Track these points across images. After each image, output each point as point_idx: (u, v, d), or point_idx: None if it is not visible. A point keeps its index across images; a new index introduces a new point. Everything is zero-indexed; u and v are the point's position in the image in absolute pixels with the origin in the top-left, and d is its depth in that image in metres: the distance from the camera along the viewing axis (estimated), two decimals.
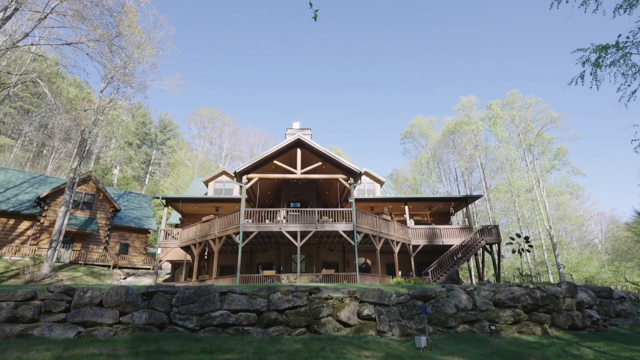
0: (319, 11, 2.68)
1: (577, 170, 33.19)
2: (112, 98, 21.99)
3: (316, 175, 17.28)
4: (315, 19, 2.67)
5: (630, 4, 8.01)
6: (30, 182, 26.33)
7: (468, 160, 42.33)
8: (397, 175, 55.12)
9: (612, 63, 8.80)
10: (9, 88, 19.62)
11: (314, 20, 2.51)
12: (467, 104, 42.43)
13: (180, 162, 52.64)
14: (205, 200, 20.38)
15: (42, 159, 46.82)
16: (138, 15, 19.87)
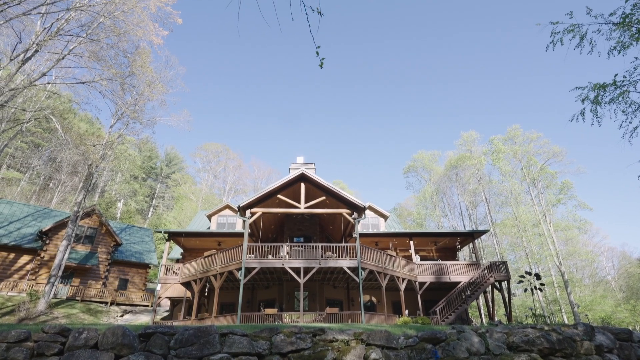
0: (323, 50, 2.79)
1: (584, 205, 32.84)
2: (120, 133, 22.55)
3: (320, 209, 17.18)
4: (322, 66, 2.77)
5: (623, 46, 8.31)
6: (34, 215, 26.37)
7: (472, 194, 42.17)
8: (401, 209, 54.78)
9: (611, 100, 8.98)
10: (23, 124, 20.24)
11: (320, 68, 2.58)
12: (469, 139, 43.02)
13: (184, 195, 52.86)
14: (208, 235, 20.18)
15: (48, 192, 47.23)
16: (150, 56, 20.86)
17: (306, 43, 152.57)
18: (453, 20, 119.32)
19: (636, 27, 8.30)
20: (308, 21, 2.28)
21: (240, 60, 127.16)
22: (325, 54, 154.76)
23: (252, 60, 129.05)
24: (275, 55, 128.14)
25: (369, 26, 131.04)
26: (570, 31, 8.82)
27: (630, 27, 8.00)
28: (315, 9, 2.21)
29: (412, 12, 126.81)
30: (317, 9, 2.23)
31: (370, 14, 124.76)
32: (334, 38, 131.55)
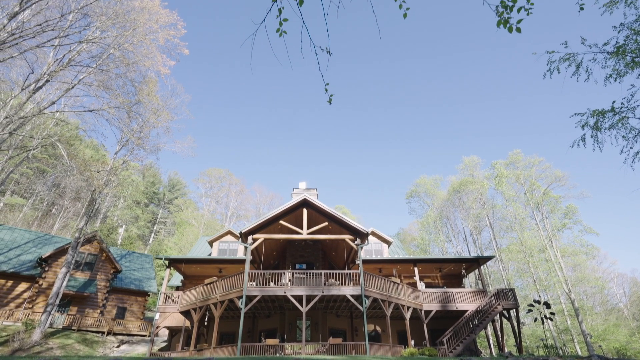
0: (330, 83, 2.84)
1: (590, 229, 32.39)
2: (125, 160, 22.80)
3: (322, 235, 17.01)
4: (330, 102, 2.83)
5: (619, 74, 8.49)
6: (35, 241, 26.22)
7: (476, 219, 41.78)
8: (405, 234, 54.17)
9: (611, 126, 9.06)
10: (30, 151, 20.56)
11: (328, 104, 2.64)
12: (470, 163, 43.18)
13: (185, 221, 52.66)
14: (209, 262, 19.90)
15: (50, 218, 47.20)
16: (157, 85, 21.46)
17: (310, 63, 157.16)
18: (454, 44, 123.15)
19: (630, 55, 8.52)
20: (317, 59, 2.35)
21: (244, 85, 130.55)
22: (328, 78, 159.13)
23: (255, 84, 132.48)
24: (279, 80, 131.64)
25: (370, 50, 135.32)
26: (566, 60, 9.06)
27: (624, 56, 8.21)
28: (325, 49, 2.29)
29: (413, 38, 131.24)
30: (326, 48, 2.31)
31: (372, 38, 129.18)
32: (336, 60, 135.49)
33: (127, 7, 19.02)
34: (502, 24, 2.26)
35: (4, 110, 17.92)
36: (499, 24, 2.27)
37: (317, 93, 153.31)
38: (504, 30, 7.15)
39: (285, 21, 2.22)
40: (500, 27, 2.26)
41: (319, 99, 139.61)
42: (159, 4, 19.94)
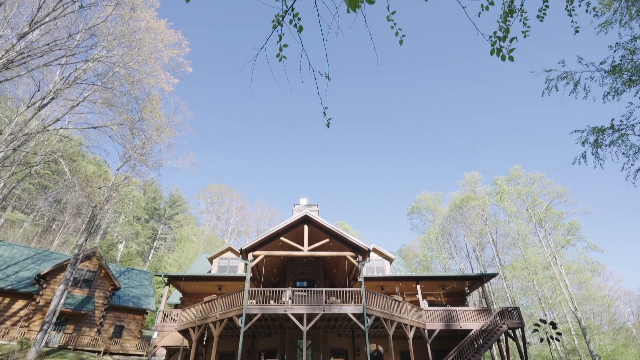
0: None
1: (594, 246, 32.04)
2: (127, 175, 22.88)
3: (323, 252, 16.85)
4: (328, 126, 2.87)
5: (617, 92, 8.59)
6: (34, 258, 26.02)
7: (478, 235, 41.44)
8: (407, 250, 53.65)
9: (611, 143, 9.10)
10: (32, 167, 20.69)
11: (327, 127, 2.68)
12: (472, 179, 43.18)
13: (186, 237, 52.37)
14: (208, 279, 19.66)
15: (50, 234, 47.01)
16: (160, 102, 21.76)
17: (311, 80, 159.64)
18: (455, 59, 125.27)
19: (627, 74, 8.64)
20: (316, 84, 2.40)
21: (246, 101, 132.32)
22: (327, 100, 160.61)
23: (257, 99, 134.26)
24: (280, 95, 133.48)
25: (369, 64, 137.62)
26: (563, 78, 9.19)
27: (621, 75, 8.33)
28: (324, 74, 2.34)
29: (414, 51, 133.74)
30: (325, 73, 2.35)
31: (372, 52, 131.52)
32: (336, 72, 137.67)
33: (133, 27, 19.51)
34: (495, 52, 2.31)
35: (9, 127, 18.14)
36: (492, 53, 2.32)
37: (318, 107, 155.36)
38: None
39: (285, 47, 2.27)
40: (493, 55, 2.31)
41: (319, 114, 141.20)
42: (165, 24, 20.45)
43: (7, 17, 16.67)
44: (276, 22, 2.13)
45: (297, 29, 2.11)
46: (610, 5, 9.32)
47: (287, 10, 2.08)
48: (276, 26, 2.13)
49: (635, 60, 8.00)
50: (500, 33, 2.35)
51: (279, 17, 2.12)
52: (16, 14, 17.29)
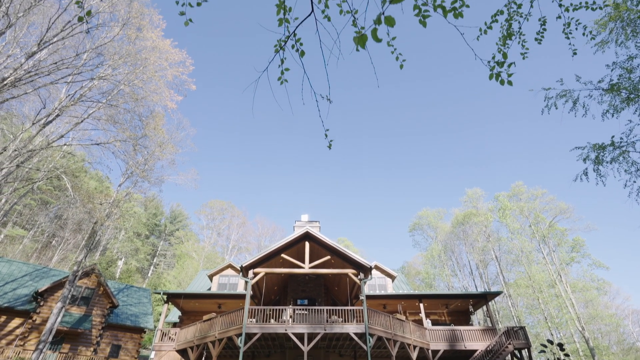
0: None
1: (599, 263, 31.58)
2: (128, 191, 22.92)
3: (325, 270, 16.64)
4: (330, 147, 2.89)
5: (616, 109, 8.66)
6: (32, 275, 25.76)
7: (481, 252, 40.97)
8: (409, 267, 52.99)
9: (612, 160, 9.10)
10: (35, 183, 20.77)
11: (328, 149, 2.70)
12: (473, 195, 43.06)
13: (186, 253, 51.97)
14: (208, 297, 19.37)
15: (49, 250, 46.72)
16: (164, 119, 22.02)
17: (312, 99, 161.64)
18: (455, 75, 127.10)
19: (625, 92, 8.73)
20: (318, 107, 2.42)
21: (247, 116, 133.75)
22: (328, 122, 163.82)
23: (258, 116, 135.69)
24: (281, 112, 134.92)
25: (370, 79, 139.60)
26: (562, 96, 9.28)
27: (619, 93, 8.41)
28: (325, 96, 2.37)
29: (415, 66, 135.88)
30: (327, 96, 2.39)
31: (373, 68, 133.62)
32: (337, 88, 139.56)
33: (139, 47, 19.95)
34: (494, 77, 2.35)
35: (14, 143, 18.33)
36: (491, 77, 2.36)
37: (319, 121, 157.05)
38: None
39: (287, 70, 2.31)
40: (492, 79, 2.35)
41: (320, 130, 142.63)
42: (170, 43, 20.93)
43: (16, 37, 17.12)
44: (278, 47, 2.17)
45: (299, 54, 2.16)
46: (605, 26, 9.52)
47: (289, 36, 2.13)
48: (278, 50, 2.18)
49: (633, 79, 8.10)
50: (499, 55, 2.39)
51: (281, 42, 2.16)
52: (26, 34, 17.74)
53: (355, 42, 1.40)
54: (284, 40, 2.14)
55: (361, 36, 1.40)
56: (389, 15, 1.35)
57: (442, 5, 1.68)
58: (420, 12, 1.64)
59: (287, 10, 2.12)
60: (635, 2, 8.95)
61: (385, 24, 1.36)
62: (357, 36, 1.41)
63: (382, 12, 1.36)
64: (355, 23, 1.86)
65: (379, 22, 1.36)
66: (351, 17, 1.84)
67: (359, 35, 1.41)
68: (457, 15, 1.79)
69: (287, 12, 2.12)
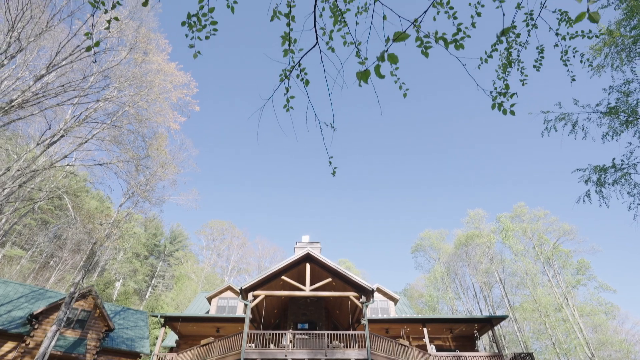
0: None
1: (606, 286, 30.94)
2: (129, 212, 22.86)
3: (326, 292, 16.32)
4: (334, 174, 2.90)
5: (615, 132, 8.73)
6: (28, 296, 25.30)
7: (485, 274, 40.27)
8: (411, 290, 51.96)
9: (614, 182, 9.08)
10: (36, 203, 20.77)
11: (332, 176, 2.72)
12: (475, 216, 42.79)
13: (185, 274, 51.23)
14: (206, 320, 18.92)
15: (47, 271, 46.13)
16: (167, 140, 22.26)
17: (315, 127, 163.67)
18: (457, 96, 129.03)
19: (624, 115, 8.83)
20: (322, 134, 2.46)
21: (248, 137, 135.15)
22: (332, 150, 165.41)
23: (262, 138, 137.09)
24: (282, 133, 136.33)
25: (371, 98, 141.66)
26: (561, 119, 9.38)
27: (618, 116, 8.50)
28: (329, 124, 2.40)
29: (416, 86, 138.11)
30: (331, 124, 2.42)
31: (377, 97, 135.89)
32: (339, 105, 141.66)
33: (145, 70, 20.44)
34: (496, 107, 2.38)
35: (17, 164, 18.47)
36: (494, 107, 2.40)
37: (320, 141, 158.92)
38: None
39: (292, 98, 2.35)
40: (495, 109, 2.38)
41: (322, 151, 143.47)
42: (175, 66, 21.45)
43: (26, 61, 17.59)
44: (283, 76, 2.22)
45: (303, 83, 2.20)
46: (600, 51, 9.74)
47: (294, 66, 2.19)
48: (283, 79, 2.23)
49: (630, 102, 8.21)
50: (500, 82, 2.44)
51: (286, 71, 2.22)
52: (35, 57, 18.25)
53: (358, 77, 1.43)
54: (289, 69, 2.19)
55: (364, 72, 1.43)
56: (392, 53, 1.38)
57: (443, 38, 1.72)
58: (422, 43, 1.68)
59: (292, 42, 2.19)
60: (629, 29, 9.20)
61: (389, 61, 1.38)
62: (360, 72, 1.43)
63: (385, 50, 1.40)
64: (358, 54, 1.92)
65: (382, 59, 1.39)
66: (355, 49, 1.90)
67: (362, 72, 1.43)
68: (458, 46, 1.83)
69: (292, 44, 2.19)
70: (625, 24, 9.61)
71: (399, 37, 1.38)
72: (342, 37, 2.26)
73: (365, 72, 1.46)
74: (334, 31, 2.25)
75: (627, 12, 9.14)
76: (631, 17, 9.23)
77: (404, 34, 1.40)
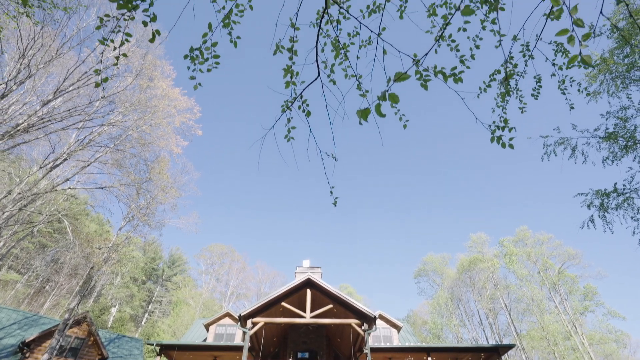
0: None
1: (615, 313, 30.05)
2: (128, 235, 22.66)
3: (327, 320, 15.87)
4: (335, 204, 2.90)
5: (615, 156, 8.76)
6: (21, 323, 24.64)
7: (490, 300, 39.28)
8: (415, 317, 50.56)
9: (617, 207, 9.01)
10: (35, 226, 20.65)
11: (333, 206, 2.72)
12: (478, 240, 42.28)
13: (182, 300, 50.11)
14: (203, 348, 18.31)
15: (42, 296, 45.18)
16: (169, 164, 22.42)
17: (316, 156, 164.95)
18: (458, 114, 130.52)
19: (623, 140, 8.89)
20: (323, 164, 2.47)
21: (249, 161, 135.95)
22: None
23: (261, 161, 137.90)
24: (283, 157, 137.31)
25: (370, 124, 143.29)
26: (560, 144, 9.45)
27: (617, 141, 8.57)
28: (330, 154, 2.43)
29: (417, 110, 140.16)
30: (332, 154, 2.45)
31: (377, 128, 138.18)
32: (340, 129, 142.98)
33: (149, 95, 20.89)
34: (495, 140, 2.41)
35: (19, 187, 18.52)
36: (492, 140, 2.42)
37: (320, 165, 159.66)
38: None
39: (294, 129, 2.39)
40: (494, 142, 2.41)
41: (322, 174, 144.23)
42: (179, 92, 21.93)
43: (34, 87, 18.02)
44: (285, 107, 2.26)
45: (305, 114, 2.24)
46: (596, 78, 9.95)
47: (296, 97, 2.23)
48: (285, 110, 2.27)
49: (629, 128, 8.30)
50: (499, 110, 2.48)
51: (288, 102, 2.26)
52: (44, 83, 18.70)
53: (359, 115, 1.45)
54: (290, 101, 2.24)
55: (364, 110, 1.45)
56: (393, 93, 1.40)
57: (442, 72, 1.76)
58: (422, 77, 1.71)
59: (294, 74, 2.25)
60: (622, 57, 9.44)
61: (390, 100, 1.41)
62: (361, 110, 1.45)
63: (387, 89, 1.42)
64: (359, 87, 1.96)
65: (383, 98, 1.41)
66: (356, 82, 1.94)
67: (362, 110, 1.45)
68: (457, 80, 1.87)
69: (294, 76, 2.25)
70: (618, 52, 9.87)
71: (400, 78, 1.41)
72: (344, 70, 2.32)
73: (365, 110, 1.47)
74: (335, 65, 2.32)
75: (619, 41, 9.41)
76: (623, 45, 9.49)
77: (404, 75, 1.43)
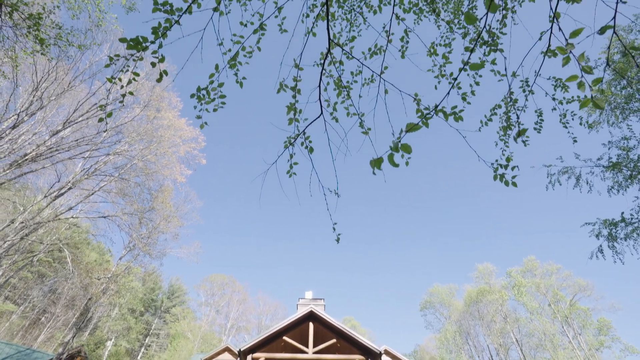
0: None
1: (632, 349, 28.62)
2: (128, 265, 22.35)
3: (330, 355, 15.17)
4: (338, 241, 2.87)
5: (620, 186, 8.69)
6: (13, 357, 23.77)
7: (500, 334, 37.65)
8: (422, 352, 48.42)
9: (626, 236, 8.83)
10: (36, 255, 20.46)
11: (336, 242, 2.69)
12: (484, 271, 41.24)
13: (181, 333, 48.48)
14: None
15: (36, 328, 43.87)
16: (172, 193, 22.50)
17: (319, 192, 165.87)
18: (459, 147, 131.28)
19: (627, 169, 8.86)
20: (326, 200, 2.46)
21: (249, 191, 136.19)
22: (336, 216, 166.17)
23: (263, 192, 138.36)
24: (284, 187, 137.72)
25: None
26: (564, 173, 9.42)
27: (621, 170, 8.54)
28: (333, 190, 2.43)
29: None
30: (335, 190, 2.45)
31: None
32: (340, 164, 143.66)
33: (156, 125, 21.34)
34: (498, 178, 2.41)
35: (22, 216, 18.54)
36: (495, 179, 2.42)
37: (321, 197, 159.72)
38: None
39: (296, 164, 2.41)
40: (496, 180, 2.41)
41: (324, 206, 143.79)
42: (185, 122, 22.41)
43: (45, 117, 18.50)
44: (288, 143, 2.29)
45: (307, 150, 2.27)
46: (595, 109, 10.08)
47: (298, 134, 2.27)
48: (287, 146, 2.30)
49: (632, 158, 8.30)
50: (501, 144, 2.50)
51: (290, 138, 2.30)
52: (54, 114, 19.23)
53: (372, 165, 1.46)
54: (293, 137, 2.27)
55: (377, 160, 1.46)
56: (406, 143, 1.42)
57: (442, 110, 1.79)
58: (423, 115, 1.73)
59: (297, 112, 2.30)
60: (619, 89, 9.62)
61: (402, 150, 1.42)
62: (374, 160, 1.46)
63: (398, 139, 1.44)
64: (362, 124, 2.00)
65: (396, 149, 1.43)
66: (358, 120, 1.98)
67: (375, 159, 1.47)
68: (457, 118, 1.89)
69: (297, 113, 2.29)
70: (615, 83, 10.07)
71: (412, 128, 1.44)
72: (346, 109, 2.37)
73: (378, 159, 1.48)
74: (337, 103, 2.37)
75: (616, 74, 9.62)
76: (620, 77, 9.69)
77: (416, 126, 1.46)
